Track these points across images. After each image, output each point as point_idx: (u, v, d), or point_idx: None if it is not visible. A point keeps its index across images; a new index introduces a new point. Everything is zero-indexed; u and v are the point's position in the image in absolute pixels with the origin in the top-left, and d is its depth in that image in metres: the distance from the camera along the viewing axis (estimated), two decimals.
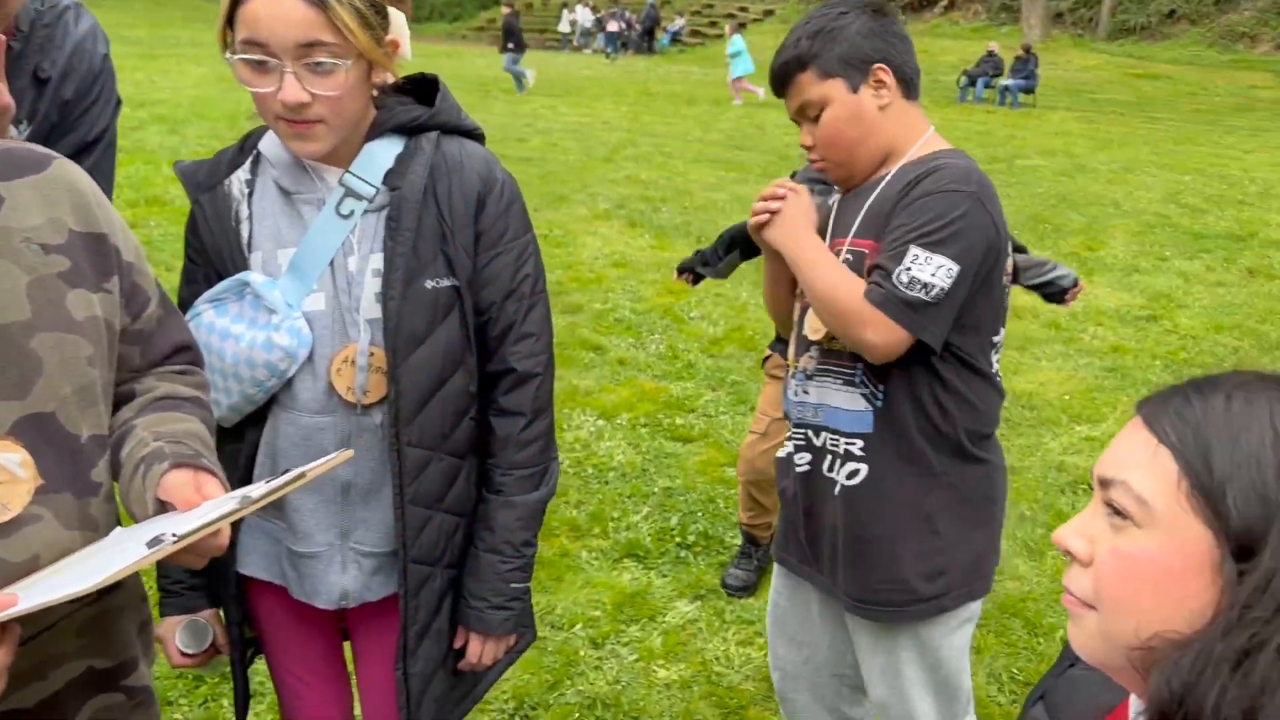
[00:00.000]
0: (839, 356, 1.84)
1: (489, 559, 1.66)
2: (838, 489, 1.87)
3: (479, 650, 1.70)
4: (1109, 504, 0.88)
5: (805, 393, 1.90)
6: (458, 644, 1.71)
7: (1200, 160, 13.08)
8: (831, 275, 1.78)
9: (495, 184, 1.61)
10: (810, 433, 1.90)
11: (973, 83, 19.40)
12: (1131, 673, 0.87)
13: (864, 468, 1.84)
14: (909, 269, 1.70)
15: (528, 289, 1.64)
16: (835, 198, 1.95)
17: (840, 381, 1.84)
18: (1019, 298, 6.83)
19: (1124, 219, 9.34)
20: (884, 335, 1.71)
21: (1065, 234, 8.67)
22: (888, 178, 1.82)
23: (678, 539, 3.72)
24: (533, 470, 1.67)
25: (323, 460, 1.11)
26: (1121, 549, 0.86)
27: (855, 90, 1.79)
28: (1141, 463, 0.86)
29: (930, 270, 1.69)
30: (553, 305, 1.72)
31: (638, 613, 3.27)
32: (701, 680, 2.96)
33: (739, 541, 3.61)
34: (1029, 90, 18.86)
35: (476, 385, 1.64)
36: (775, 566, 2.15)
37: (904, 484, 1.83)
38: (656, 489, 4.08)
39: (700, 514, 3.89)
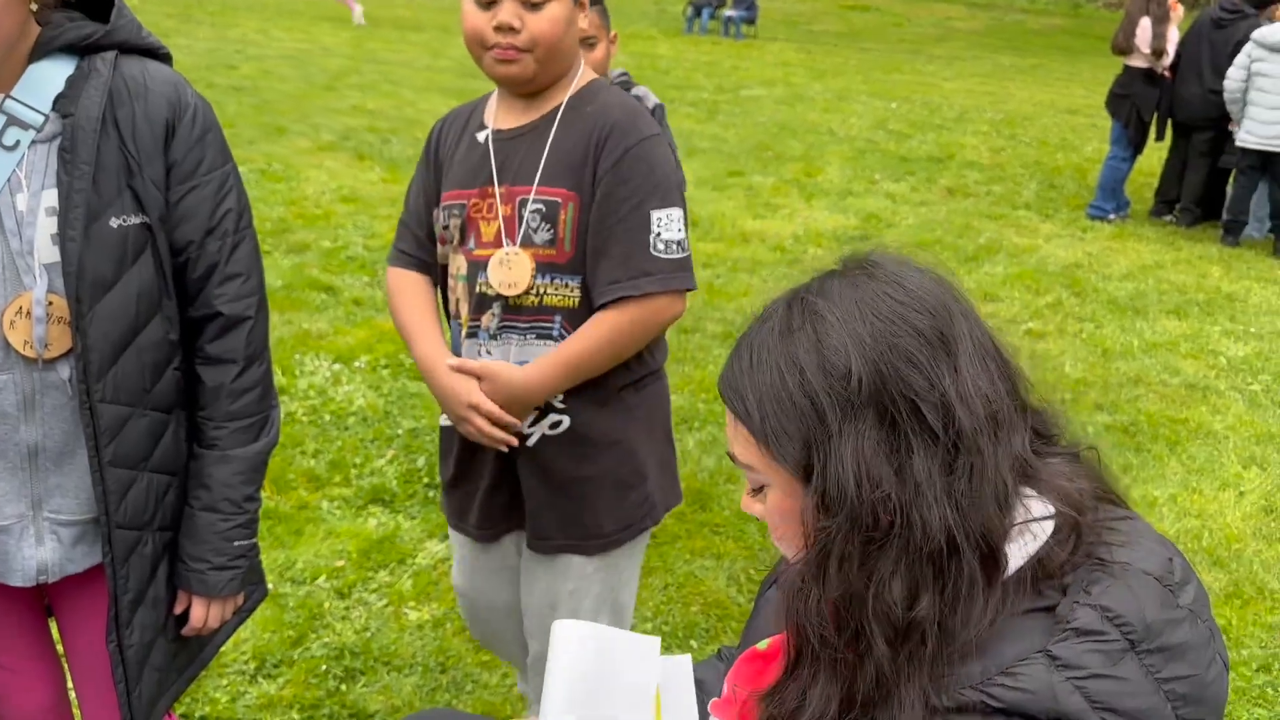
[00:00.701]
0: (529, 311, 1.81)
1: (207, 518, 1.55)
2: (533, 440, 1.86)
3: (203, 614, 1.59)
4: None
5: (488, 353, 1.85)
6: (179, 609, 1.60)
7: (905, 88, 14.02)
8: (580, 349, 1.76)
9: (186, 109, 1.47)
10: None
11: (698, 13, 19.80)
12: None
13: (566, 417, 1.85)
14: (660, 235, 1.73)
15: (231, 225, 1.51)
16: (485, 133, 1.86)
17: (534, 335, 1.81)
18: (749, 224, 7.12)
19: (838, 145, 9.89)
20: (677, 305, 1.79)
21: (786, 160, 9.08)
22: (559, 117, 1.80)
23: (426, 479, 3.65)
24: (251, 420, 1.56)
25: None
26: (766, 507, 1.02)
27: (574, 5, 1.79)
28: (732, 436, 1.01)
29: (674, 227, 1.76)
30: (278, 244, 1.60)
31: (386, 558, 3.19)
32: (455, 618, 2.94)
33: None
34: (750, 21, 19.47)
35: (179, 332, 1.52)
36: (452, 533, 2.13)
37: (602, 421, 1.87)
38: (401, 431, 3.97)
39: None
